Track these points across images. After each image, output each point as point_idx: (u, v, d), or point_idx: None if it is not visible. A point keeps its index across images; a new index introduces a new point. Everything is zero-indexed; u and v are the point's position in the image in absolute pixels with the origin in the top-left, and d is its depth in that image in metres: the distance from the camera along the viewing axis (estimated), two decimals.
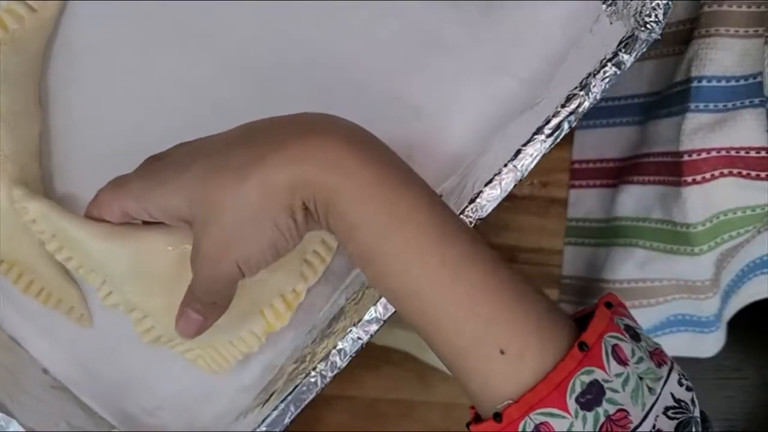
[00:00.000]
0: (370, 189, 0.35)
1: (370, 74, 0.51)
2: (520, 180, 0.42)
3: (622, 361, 0.34)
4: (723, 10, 0.55)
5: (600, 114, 0.66)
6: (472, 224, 0.42)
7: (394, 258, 0.35)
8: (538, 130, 0.42)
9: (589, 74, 0.43)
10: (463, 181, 0.47)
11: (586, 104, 0.42)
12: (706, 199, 0.57)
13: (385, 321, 0.42)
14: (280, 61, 0.50)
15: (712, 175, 0.56)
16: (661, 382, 0.35)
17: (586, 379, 0.33)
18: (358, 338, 0.42)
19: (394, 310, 0.41)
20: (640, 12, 0.43)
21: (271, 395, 0.46)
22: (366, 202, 0.35)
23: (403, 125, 0.51)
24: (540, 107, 0.46)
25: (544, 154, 0.42)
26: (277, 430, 0.42)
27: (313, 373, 0.42)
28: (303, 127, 0.37)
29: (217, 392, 0.52)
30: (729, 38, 0.55)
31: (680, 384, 0.35)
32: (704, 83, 0.55)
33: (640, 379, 0.34)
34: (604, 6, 0.47)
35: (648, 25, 0.42)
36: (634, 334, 0.36)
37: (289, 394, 0.42)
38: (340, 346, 0.42)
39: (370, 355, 0.60)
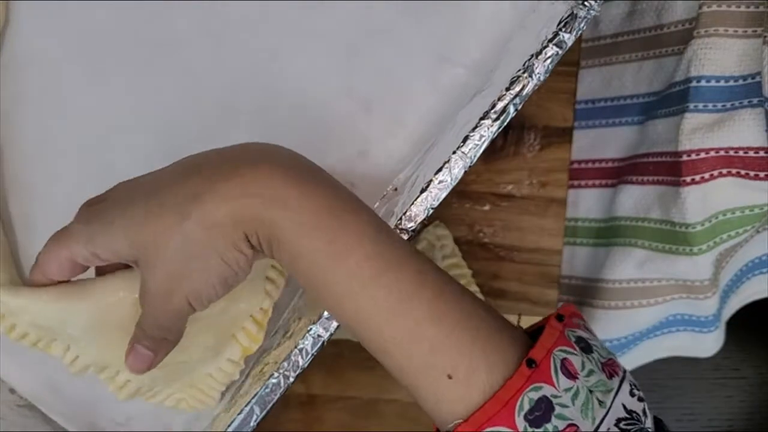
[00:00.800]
0: (313, 220, 0.35)
1: (316, 71, 0.50)
2: (470, 166, 0.42)
3: (572, 375, 0.34)
4: (722, 10, 0.55)
5: (599, 114, 0.67)
6: (427, 212, 0.42)
7: (340, 289, 0.35)
8: (485, 115, 0.42)
9: (531, 56, 0.42)
10: (416, 172, 0.47)
11: (530, 86, 0.42)
12: (705, 199, 0.57)
13: None
14: (228, 69, 0.50)
15: (711, 175, 0.56)
16: (612, 393, 0.35)
17: (534, 395, 0.33)
18: (318, 336, 0.42)
19: None
20: None
21: (236, 399, 0.45)
22: (309, 233, 0.35)
23: (353, 120, 0.51)
24: (488, 93, 0.46)
25: (493, 139, 0.42)
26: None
27: (275, 374, 0.42)
28: (243, 160, 0.36)
29: None
30: (728, 38, 0.55)
31: (632, 395, 0.35)
32: (703, 83, 0.56)
33: (590, 392, 0.34)
34: None
35: (586, 3, 0.42)
36: (586, 346, 0.36)
37: (254, 396, 0.42)
38: (300, 345, 0.42)
39: (367, 356, 0.60)
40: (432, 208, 0.42)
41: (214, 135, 0.42)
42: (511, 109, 0.42)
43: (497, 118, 0.42)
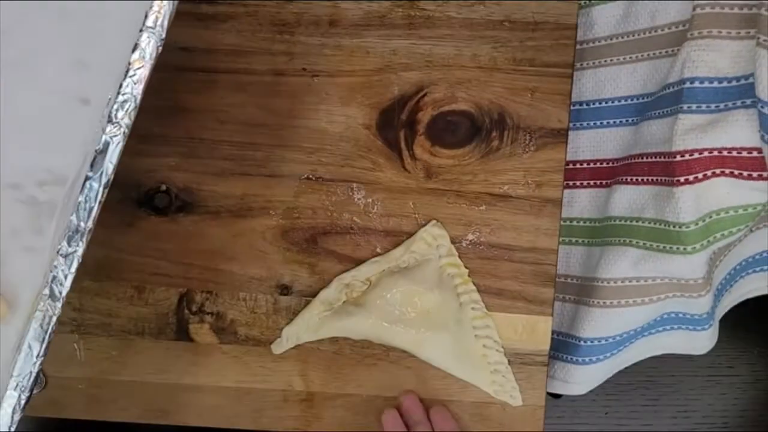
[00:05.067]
0: None
1: None
2: None
3: None
4: (715, 12, 0.55)
5: (593, 115, 0.67)
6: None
7: None
8: None
9: None
10: None
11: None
12: (699, 199, 0.57)
13: None
14: None
15: (705, 175, 0.56)
16: None
17: None
18: None
19: None
20: None
21: None
22: None
23: None
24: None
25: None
26: None
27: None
28: None
29: None
30: (721, 40, 0.55)
31: None
32: (697, 84, 0.56)
33: None
34: None
35: None
36: None
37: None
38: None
39: (368, 353, 0.61)
40: None
41: None
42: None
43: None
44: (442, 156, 0.61)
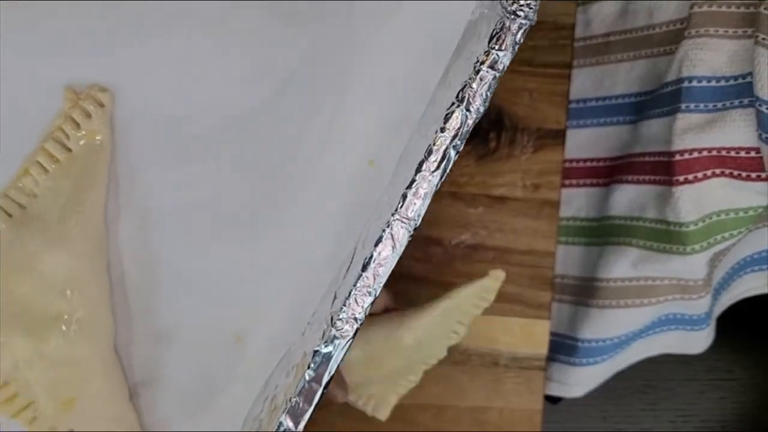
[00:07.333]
0: None
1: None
2: (415, 229, 0.36)
3: None
4: (713, 10, 0.55)
5: (592, 113, 0.67)
6: (372, 293, 0.36)
7: None
8: (421, 166, 0.36)
9: (465, 85, 0.36)
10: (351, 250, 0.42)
11: (470, 122, 0.36)
12: (698, 199, 0.57)
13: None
14: None
15: (704, 174, 0.56)
16: None
17: None
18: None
19: None
20: None
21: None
22: None
23: None
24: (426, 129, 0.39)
25: (437, 191, 0.36)
26: None
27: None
28: None
29: None
30: (719, 39, 0.55)
31: None
32: (695, 83, 0.56)
33: None
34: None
35: (519, 11, 0.36)
36: None
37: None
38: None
39: None
40: (379, 287, 0.37)
41: None
42: (452, 153, 0.36)
43: (437, 168, 0.36)
44: None
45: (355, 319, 0.37)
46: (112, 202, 0.46)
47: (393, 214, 0.36)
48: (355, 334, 0.37)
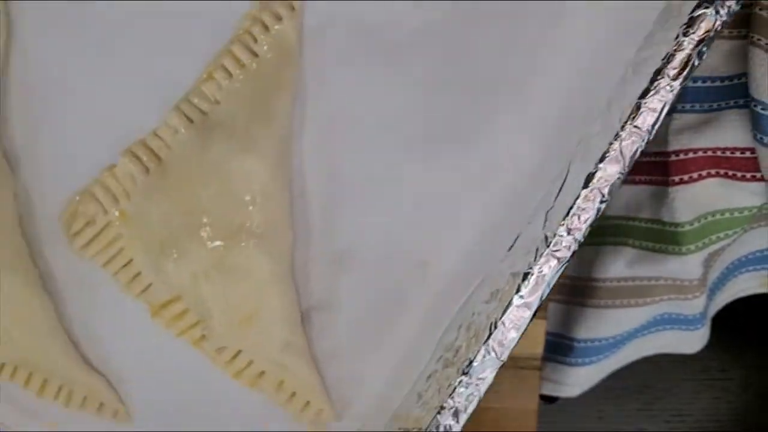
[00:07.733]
0: None
1: None
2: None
3: None
4: None
5: None
6: (596, 211, 0.35)
7: None
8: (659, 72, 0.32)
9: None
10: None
11: (719, 23, 0.33)
12: (694, 199, 0.57)
13: None
14: None
15: (700, 175, 0.56)
16: None
17: None
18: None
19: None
20: None
21: None
22: None
23: None
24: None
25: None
26: None
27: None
28: None
29: None
30: (715, 39, 0.55)
31: None
32: (690, 83, 0.56)
33: None
34: None
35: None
36: None
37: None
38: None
39: None
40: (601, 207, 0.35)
41: None
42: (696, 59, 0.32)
43: (678, 74, 0.33)
44: None
45: (574, 239, 0.35)
46: (298, 111, 0.43)
47: (623, 126, 0.33)
48: (572, 255, 0.36)
